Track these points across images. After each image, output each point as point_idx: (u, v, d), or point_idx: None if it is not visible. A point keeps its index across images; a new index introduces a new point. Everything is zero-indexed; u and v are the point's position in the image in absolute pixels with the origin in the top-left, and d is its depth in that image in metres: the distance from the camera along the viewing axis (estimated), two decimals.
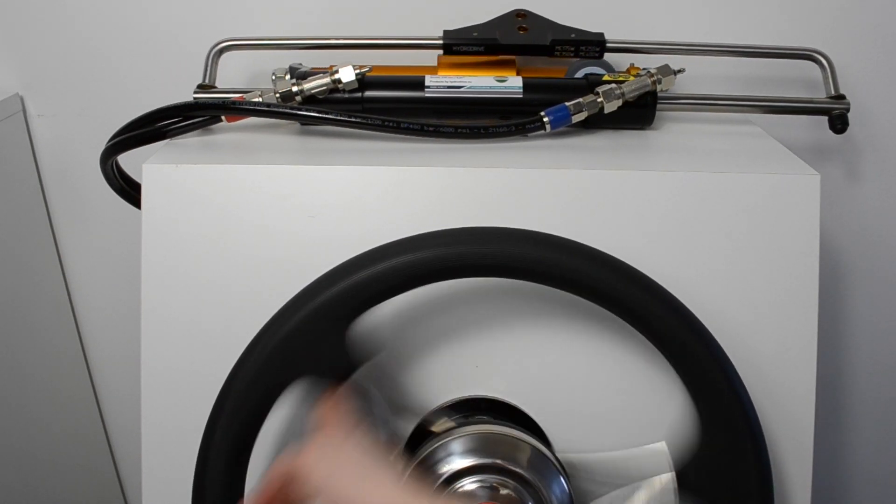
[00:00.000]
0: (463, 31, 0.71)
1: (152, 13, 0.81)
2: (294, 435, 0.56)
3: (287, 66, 0.71)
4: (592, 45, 0.70)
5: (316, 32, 0.78)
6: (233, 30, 0.81)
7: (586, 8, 0.79)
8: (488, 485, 0.50)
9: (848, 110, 0.69)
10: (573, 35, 0.70)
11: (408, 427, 0.58)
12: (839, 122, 0.69)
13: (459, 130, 0.62)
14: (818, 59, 0.72)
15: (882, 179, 0.85)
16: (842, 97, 0.70)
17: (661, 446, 0.55)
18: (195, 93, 0.70)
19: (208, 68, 0.72)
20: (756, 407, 0.50)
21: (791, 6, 0.79)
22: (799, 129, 0.80)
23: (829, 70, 0.71)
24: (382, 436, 0.52)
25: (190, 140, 0.65)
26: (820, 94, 0.72)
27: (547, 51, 0.70)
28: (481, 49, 0.70)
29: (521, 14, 0.72)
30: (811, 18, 0.79)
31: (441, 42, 0.71)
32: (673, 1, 0.79)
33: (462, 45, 0.71)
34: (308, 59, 0.74)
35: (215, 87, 0.71)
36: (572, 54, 0.70)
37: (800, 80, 0.79)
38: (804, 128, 0.80)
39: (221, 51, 0.72)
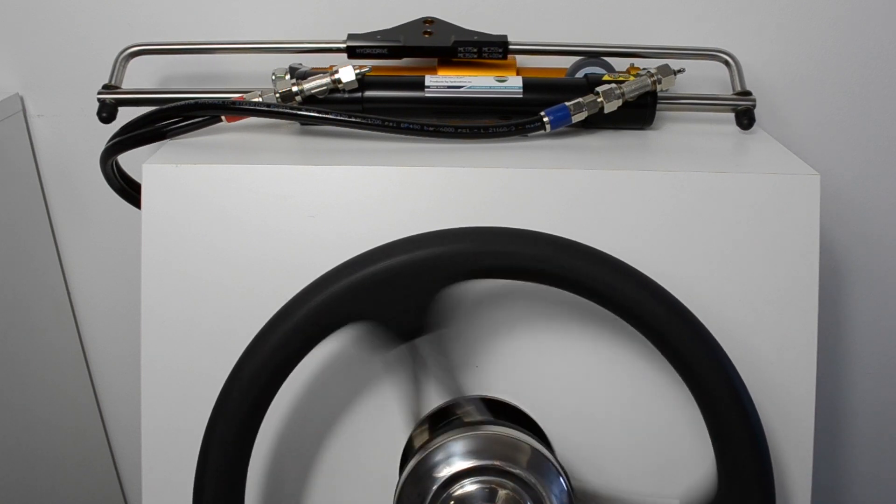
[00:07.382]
0: (367, 36, 0.72)
1: (153, 13, 0.81)
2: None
3: (287, 66, 0.71)
4: (495, 46, 0.71)
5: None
6: (231, 30, 0.81)
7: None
8: (487, 487, 0.50)
9: (754, 106, 0.69)
10: (476, 37, 0.71)
11: (408, 429, 0.58)
12: (745, 118, 0.69)
13: (459, 130, 0.62)
14: (724, 58, 0.73)
15: None
16: (748, 94, 0.70)
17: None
18: (99, 93, 0.70)
19: (115, 71, 0.72)
20: (756, 407, 0.50)
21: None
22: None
23: (736, 68, 0.72)
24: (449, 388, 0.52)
25: (190, 140, 0.65)
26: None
27: (450, 52, 0.71)
28: (385, 52, 0.71)
29: (428, 20, 0.73)
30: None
31: (345, 45, 0.71)
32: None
33: (365, 48, 0.71)
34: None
35: (119, 88, 0.71)
36: (475, 55, 0.71)
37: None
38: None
39: (130, 55, 0.72)
